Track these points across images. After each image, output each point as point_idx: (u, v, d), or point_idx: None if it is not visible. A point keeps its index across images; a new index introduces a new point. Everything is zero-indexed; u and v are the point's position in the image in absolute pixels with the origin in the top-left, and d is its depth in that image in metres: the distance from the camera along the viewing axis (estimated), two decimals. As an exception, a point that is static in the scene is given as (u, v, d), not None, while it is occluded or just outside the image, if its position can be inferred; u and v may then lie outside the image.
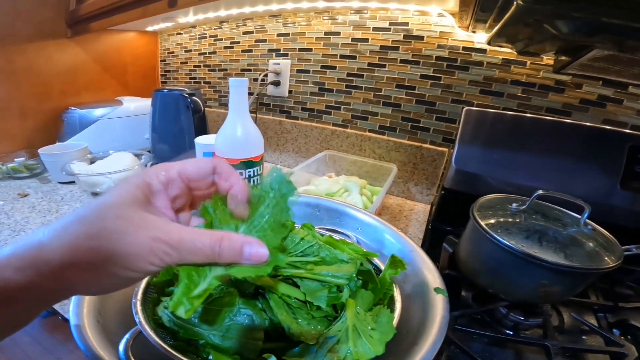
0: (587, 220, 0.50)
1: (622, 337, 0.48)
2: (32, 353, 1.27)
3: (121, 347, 0.27)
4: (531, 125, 0.65)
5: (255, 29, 1.09)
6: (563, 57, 0.64)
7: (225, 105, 1.27)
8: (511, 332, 0.50)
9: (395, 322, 0.32)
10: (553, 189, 0.52)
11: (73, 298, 0.31)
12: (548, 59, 0.72)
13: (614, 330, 0.50)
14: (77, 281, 0.21)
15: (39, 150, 0.87)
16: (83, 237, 0.21)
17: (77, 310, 0.30)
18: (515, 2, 0.37)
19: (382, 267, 0.39)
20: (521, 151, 0.65)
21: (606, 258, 0.44)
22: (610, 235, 0.48)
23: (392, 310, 0.34)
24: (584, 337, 0.50)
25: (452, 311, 0.49)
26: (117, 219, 0.21)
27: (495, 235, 0.46)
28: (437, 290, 0.37)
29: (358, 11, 0.90)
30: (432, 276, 0.39)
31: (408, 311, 0.36)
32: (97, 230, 0.21)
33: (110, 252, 0.20)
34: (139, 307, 0.29)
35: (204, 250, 0.22)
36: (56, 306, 0.49)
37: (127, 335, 0.28)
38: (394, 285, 0.37)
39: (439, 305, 0.35)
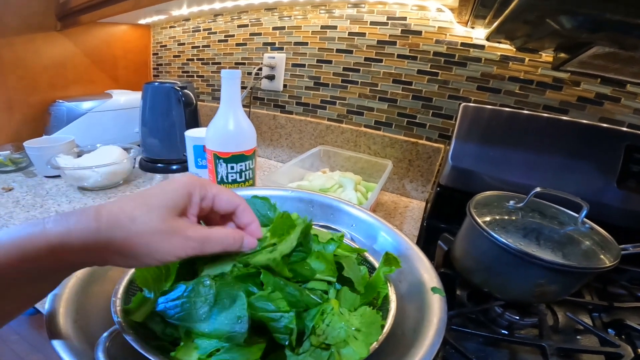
0: (585, 219, 0.49)
1: (617, 337, 0.47)
2: (19, 351, 1.25)
3: (96, 347, 0.25)
4: (528, 123, 0.64)
5: (250, 22, 1.07)
6: (562, 54, 0.63)
7: (218, 99, 1.25)
8: (506, 332, 0.49)
9: (390, 322, 0.31)
10: (549, 187, 0.51)
11: (48, 299, 0.29)
12: (547, 56, 0.71)
13: (609, 330, 0.49)
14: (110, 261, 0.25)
15: (25, 144, 0.84)
16: (124, 236, 0.24)
17: (53, 309, 0.28)
18: (517, -4, 0.36)
19: (377, 265, 0.38)
20: (518, 148, 0.64)
21: (603, 257, 0.44)
22: (608, 234, 0.47)
23: (387, 310, 0.33)
24: (578, 337, 0.49)
25: (448, 311, 0.49)
26: (161, 222, 0.26)
27: (493, 233, 0.45)
28: (434, 290, 0.35)
29: (355, 5, 0.88)
30: (428, 275, 0.38)
31: (403, 311, 0.34)
32: (136, 232, 0.25)
33: (145, 250, 0.25)
34: (118, 306, 0.28)
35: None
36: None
37: (105, 334, 0.26)
38: (388, 284, 0.36)
39: (436, 305, 0.33)
